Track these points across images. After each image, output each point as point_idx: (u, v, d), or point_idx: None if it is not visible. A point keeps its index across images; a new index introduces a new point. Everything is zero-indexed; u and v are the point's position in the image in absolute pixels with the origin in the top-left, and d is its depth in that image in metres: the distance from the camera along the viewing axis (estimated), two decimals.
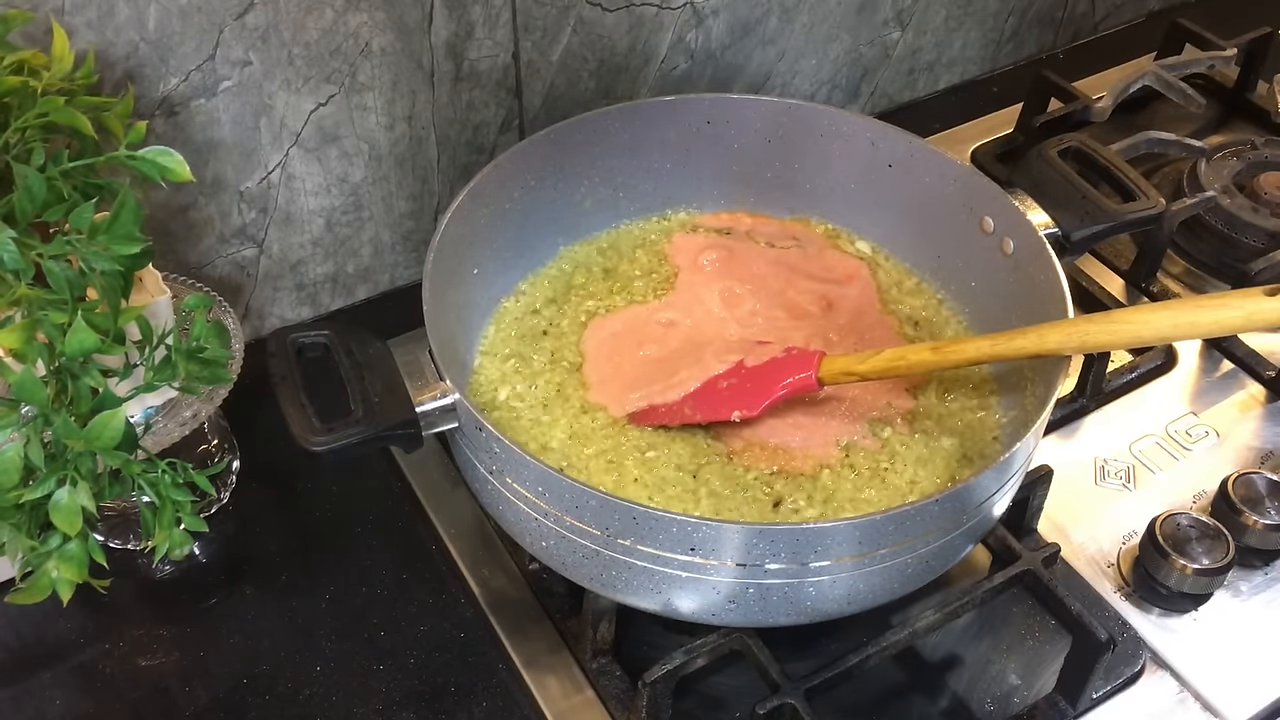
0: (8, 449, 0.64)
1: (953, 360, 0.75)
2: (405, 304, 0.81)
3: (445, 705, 0.76)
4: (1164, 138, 1.14)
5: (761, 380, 0.80)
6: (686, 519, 0.65)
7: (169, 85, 0.83)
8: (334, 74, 0.89)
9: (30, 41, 0.75)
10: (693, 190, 0.98)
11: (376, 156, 0.95)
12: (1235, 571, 0.83)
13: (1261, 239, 1.07)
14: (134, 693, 0.77)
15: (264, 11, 0.83)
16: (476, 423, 0.69)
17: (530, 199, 0.90)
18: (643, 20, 1.01)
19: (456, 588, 0.83)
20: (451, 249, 0.81)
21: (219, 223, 0.92)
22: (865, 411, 0.83)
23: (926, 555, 0.70)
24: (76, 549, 0.67)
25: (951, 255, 0.92)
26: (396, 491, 0.89)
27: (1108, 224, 0.84)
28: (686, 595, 0.69)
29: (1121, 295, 1.05)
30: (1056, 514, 0.87)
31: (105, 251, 0.64)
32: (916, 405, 0.84)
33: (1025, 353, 0.73)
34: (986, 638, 0.81)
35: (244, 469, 0.88)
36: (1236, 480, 0.86)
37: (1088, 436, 0.93)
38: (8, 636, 0.79)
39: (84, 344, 0.63)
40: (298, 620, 0.81)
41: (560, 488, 0.67)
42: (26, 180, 0.62)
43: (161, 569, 0.83)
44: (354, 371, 0.69)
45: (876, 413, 0.83)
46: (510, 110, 1.00)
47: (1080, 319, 0.73)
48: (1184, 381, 0.98)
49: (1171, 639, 0.81)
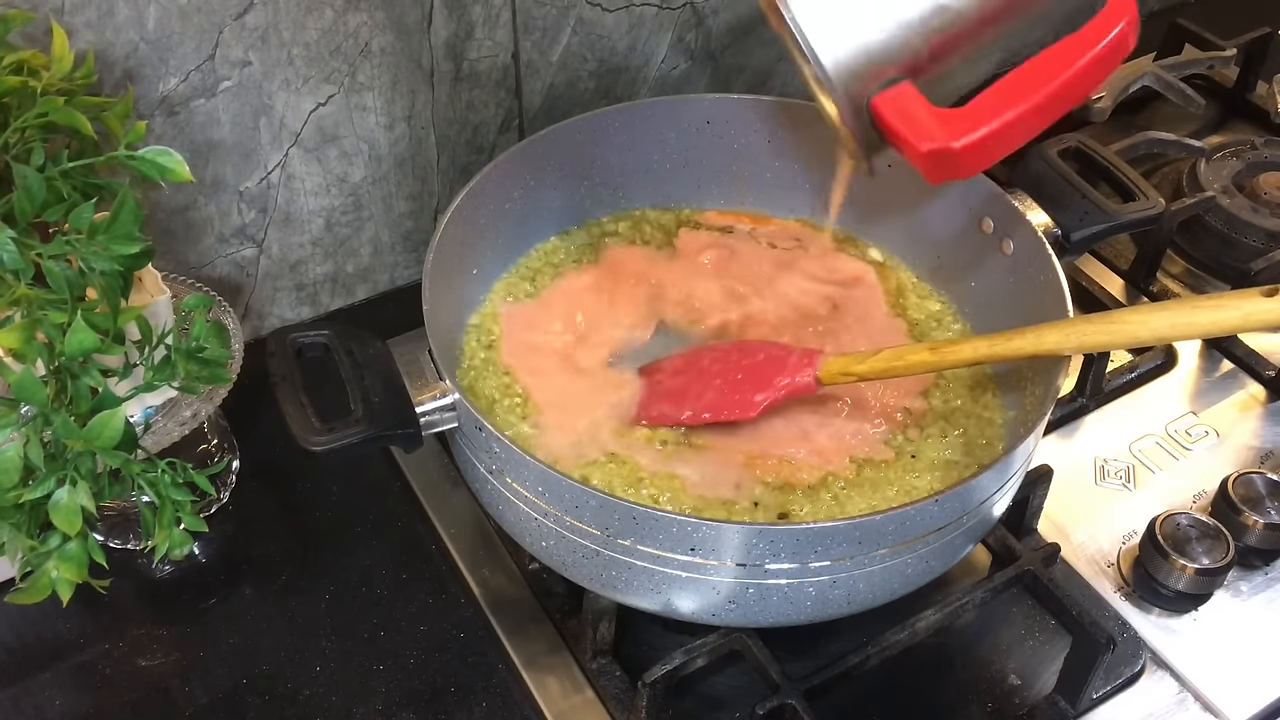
0: (7, 449, 0.64)
1: (951, 361, 0.75)
2: (405, 304, 0.81)
3: (445, 705, 0.76)
4: (1164, 138, 1.14)
5: (759, 381, 0.80)
6: (687, 519, 0.65)
7: (168, 85, 0.83)
8: (334, 74, 0.89)
9: (30, 41, 0.75)
10: (692, 190, 0.98)
11: (376, 156, 0.95)
12: (1235, 571, 0.83)
13: (1261, 239, 1.07)
14: (134, 693, 0.77)
15: (264, 11, 0.83)
16: (476, 422, 0.69)
17: (530, 199, 0.90)
18: (643, 20, 1.01)
19: (456, 588, 0.83)
20: (451, 249, 0.81)
21: (218, 223, 0.92)
22: (876, 417, 0.83)
23: (926, 555, 0.70)
24: (76, 549, 0.67)
25: (951, 255, 0.92)
26: (396, 491, 0.89)
27: (1107, 224, 0.84)
28: (686, 595, 0.69)
29: (1121, 295, 1.05)
30: (1056, 514, 0.87)
31: (105, 251, 0.64)
32: (928, 406, 0.84)
33: (1023, 353, 0.73)
34: (986, 638, 0.81)
35: (244, 469, 0.88)
36: (1236, 480, 0.86)
37: (1088, 436, 0.93)
38: (8, 636, 0.79)
39: (83, 344, 0.63)
40: (298, 620, 0.81)
41: (560, 488, 0.67)
42: (26, 180, 0.62)
43: (161, 569, 0.83)
44: (354, 371, 0.69)
45: (887, 419, 0.83)
46: (510, 110, 1.00)
47: (1078, 319, 0.73)
48: (1184, 381, 0.98)
49: (1171, 639, 0.81)
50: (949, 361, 0.76)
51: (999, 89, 0.63)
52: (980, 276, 0.89)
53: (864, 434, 0.82)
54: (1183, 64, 1.24)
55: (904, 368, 0.76)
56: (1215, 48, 1.25)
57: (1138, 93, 1.21)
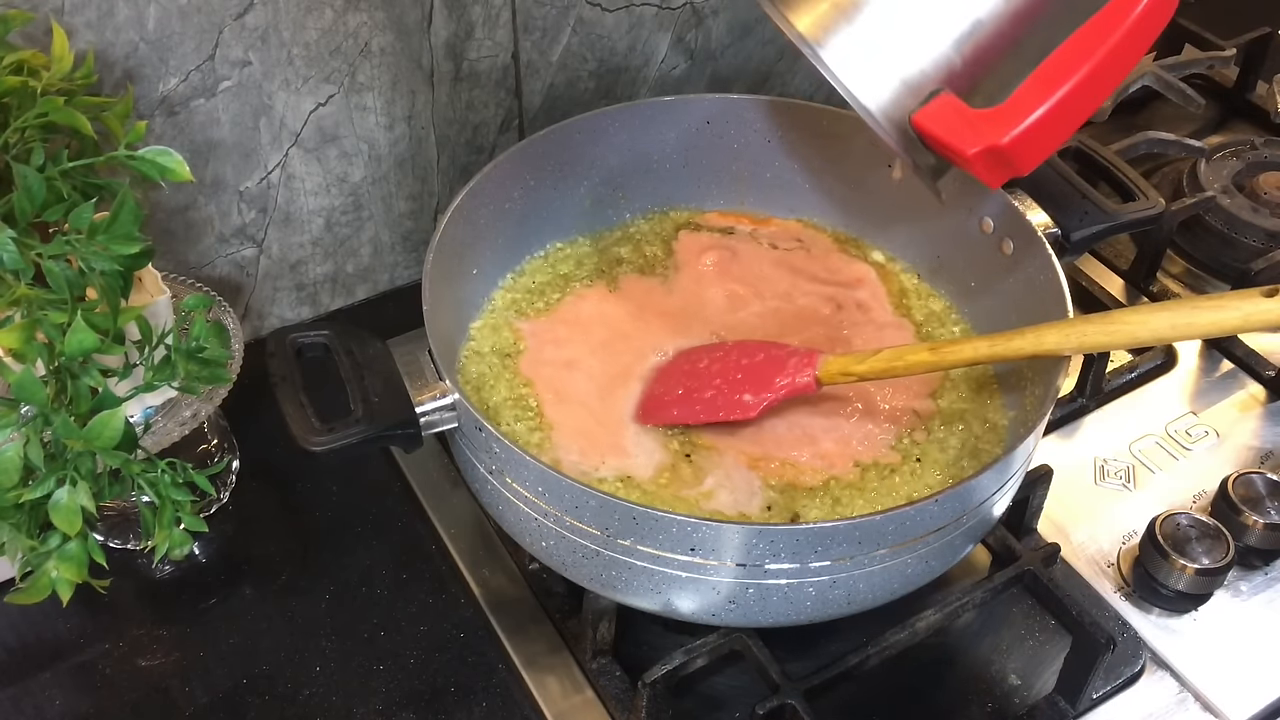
0: (7, 449, 0.64)
1: (950, 361, 0.75)
2: (405, 304, 0.81)
3: (445, 705, 0.76)
4: (1164, 138, 1.14)
5: (759, 381, 0.80)
6: (686, 519, 0.65)
7: (168, 85, 0.83)
8: (333, 74, 0.89)
9: (30, 41, 0.75)
10: (692, 190, 0.98)
11: (376, 156, 0.95)
12: (1235, 571, 0.83)
13: (1261, 239, 1.07)
14: (134, 693, 0.77)
15: (263, 11, 0.83)
16: (476, 422, 0.69)
17: (530, 199, 0.90)
18: (643, 20, 1.01)
19: (456, 588, 0.83)
20: (451, 249, 0.81)
21: (218, 223, 0.92)
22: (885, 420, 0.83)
23: (926, 555, 0.70)
24: (76, 549, 0.67)
25: (951, 255, 0.92)
26: (396, 491, 0.89)
27: (1107, 224, 0.84)
28: (686, 595, 0.69)
29: (1121, 295, 1.05)
30: (1056, 514, 0.87)
31: (105, 251, 0.64)
32: (936, 408, 0.84)
33: (1024, 353, 0.73)
34: (986, 638, 0.81)
35: (244, 469, 0.88)
36: (1236, 480, 0.86)
37: (1088, 436, 0.93)
38: (8, 636, 0.79)
39: (83, 344, 0.63)
40: (298, 620, 0.81)
41: (560, 488, 0.67)
42: (26, 180, 0.62)
43: (161, 569, 0.83)
44: (354, 371, 0.69)
45: (895, 422, 0.83)
46: (510, 110, 1.00)
47: (1078, 319, 0.73)
48: (1184, 381, 0.98)
49: (1171, 639, 0.81)
50: (949, 362, 0.76)
51: (1038, 77, 0.61)
52: (980, 276, 0.89)
53: (871, 437, 0.81)
54: (1183, 64, 1.24)
55: (904, 368, 0.76)
56: (1215, 48, 1.25)
57: (1138, 93, 1.21)
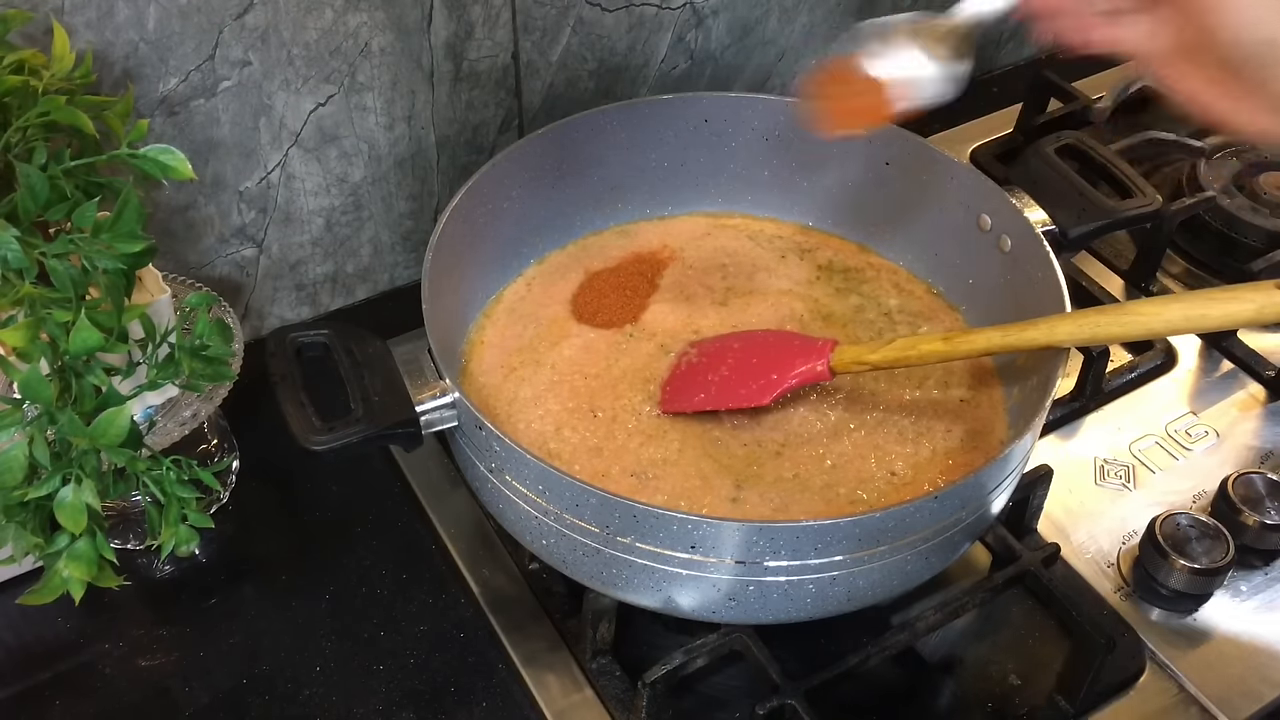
0: (12, 447, 0.64)
1: (963, 350, 0.75)
2: (405, 303, 0.81)
3: (445, 705, 0.76)
4: (1164, 137, 1.15)
5: (772, 368, 0.80)
6: (686, 516, 0.65)
7: (168, 85, 0.83)
8: (333, 74, 0.89)
9: (30, 41, 0.75)
10: (691, 189, 0.98)
11: (376, 156, 0.95)
12: (1235, 571, 0.83)
13: (1261, 239, 1.07)
14: (134, 693, 0.77)
15: (263, 11, 0.83)
16: (476, 421, 0.69)
17: (529, 198, 0.90)
18: (642, 20, 1.02)
19: (456, 587, 0.83)
20: (450, 248, 0.81)
21: (218, 222, 0.92)
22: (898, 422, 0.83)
23: (926, 552, 0.70)
24: (85, 548, 0.67)
25: (949, 253, 0.92)
26: (396, 491, 0.89)
27: (1104, 221, 0.84)
28: (687, 593, 0.69)
29: (1121, 295, 1.05)
30: (1056, 514, 0.87)
31: (108, 250, 0.64)
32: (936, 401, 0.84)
33: (1036, 344, 0.73)
34: (986, 638, 0.81)
35: (244, 469, 0.88)
36: (1236, 480, 0.86)
37: (1087, 436, 0.93)
38: (8, 637, 0.79)
39: (88, 342, 0.63)
40: (298, 620, 0.81)
41: (560, 485, 0.67)
42: (29, 179, 0.63)
43: (161, 569, 0.83)
44: (354, 371, 0.69)
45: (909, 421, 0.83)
46: (510, 110, 1.00)
47: (1092, 310, 0.73)
48: (1184, 381, 0.98)
49: (1171, 639, 0.81)
50: (961, 351, 0.75)
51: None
52: (978, 273, 0.89)
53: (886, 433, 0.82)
54: None
55: (917, 357, 0.76)
56: None
57: (1138, 92, 1.22)
